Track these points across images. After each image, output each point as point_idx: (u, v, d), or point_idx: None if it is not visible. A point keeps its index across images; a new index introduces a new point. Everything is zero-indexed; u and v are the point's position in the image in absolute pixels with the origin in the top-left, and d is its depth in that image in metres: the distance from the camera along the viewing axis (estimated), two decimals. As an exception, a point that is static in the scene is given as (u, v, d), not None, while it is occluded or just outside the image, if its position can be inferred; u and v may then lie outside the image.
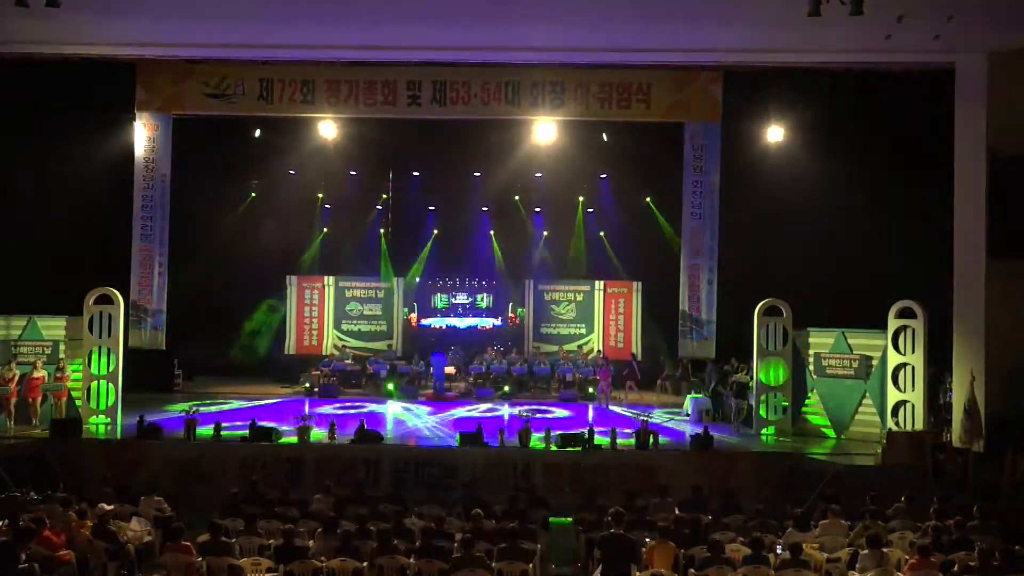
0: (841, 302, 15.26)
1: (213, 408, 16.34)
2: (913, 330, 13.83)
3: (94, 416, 14.46)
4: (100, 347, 14.62)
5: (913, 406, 13.73)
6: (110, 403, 14.56)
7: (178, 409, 15.34)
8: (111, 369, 14.59)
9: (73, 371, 14.60)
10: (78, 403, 14.55)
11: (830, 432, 14.59)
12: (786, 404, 14.91)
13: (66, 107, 14.99)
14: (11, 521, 8.31)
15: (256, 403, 17.32)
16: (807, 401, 14.92)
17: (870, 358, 14.29)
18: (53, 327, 14.79)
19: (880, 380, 14.11)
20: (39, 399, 14.20)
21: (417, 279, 22.18)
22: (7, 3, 10.46)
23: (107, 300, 14.70)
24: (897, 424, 13.70)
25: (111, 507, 9.13)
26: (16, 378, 13.95)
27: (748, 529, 9.00)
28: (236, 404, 17.20)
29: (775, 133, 16.08)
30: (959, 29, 11.87)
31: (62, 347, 14.69)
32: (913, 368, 13.78)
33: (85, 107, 15.00)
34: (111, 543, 8.47)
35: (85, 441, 13.21)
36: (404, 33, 12.89)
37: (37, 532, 7.85)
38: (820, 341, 14.83)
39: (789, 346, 14.93)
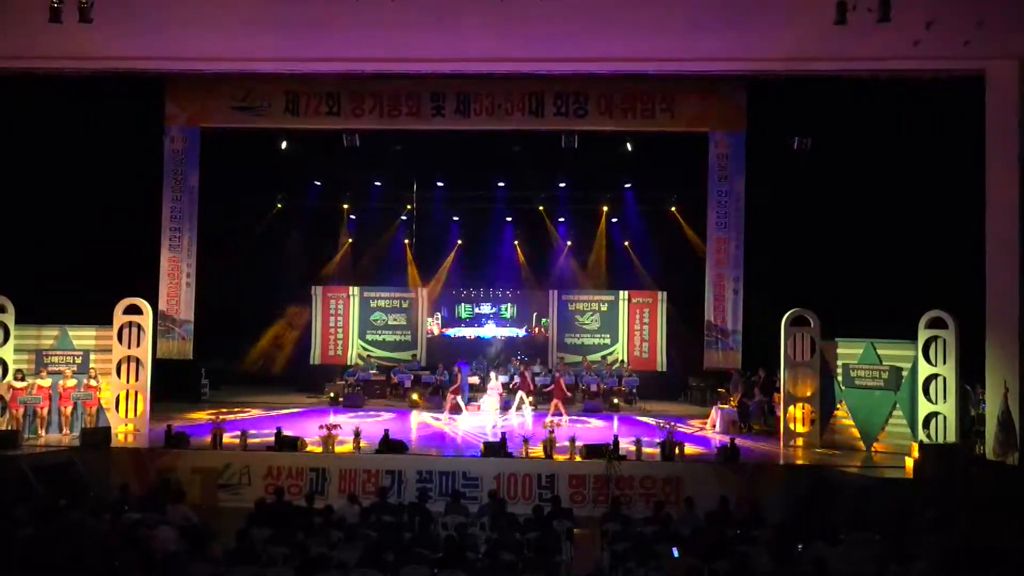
0: (870, 312, 15.03)
1: (239, 417, 16.51)
2: (944, 340, 13.61)
3: (123, 425, 14.63)
4: (129, 357, 14.83)
5: (945, 418, 13.51)
6: (139, 412, 14.76)
7: (205, 418, 15.49)
8: (140, 379, 14.79)
9: (103, 380, 14.79)
10: (108, 412, 14.74)
11: (859, 444, 14.38)
12: (814, 416, 14.71)
13: (96, 121, 15.23)
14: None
15: (281, 412, 17.49)
16: (835, 413, 14.71)
17: (900, 369, 14.07)
18: (83, 337, 15.00)
19: (910, 391, 13.89)
20: (70, 408, 14.42)
21: (439, 288, 22.29)
22: (40, 19, 10.69)
23: (136, 310, 14.90)
24: (928, 436, 13.48)
25: (138, 515, 9.21)
26: (48, 387, 14.21)
27: (774, 542, 8.87)
28: (262, 413, 17.36)
29: (800, 141, 15.92)
30: (989, 35, 11.68)
31: (92, 357, 14.89)
32: (944, 379, 13.57)
33: (115, 120, 15.24)
34: (139, 552, 8.52)
35: (114, 450, 13.36)
36: (428, 45, 12.95)
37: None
38: (848, 352, 14.62)
39: (817, 357, 14.75)
